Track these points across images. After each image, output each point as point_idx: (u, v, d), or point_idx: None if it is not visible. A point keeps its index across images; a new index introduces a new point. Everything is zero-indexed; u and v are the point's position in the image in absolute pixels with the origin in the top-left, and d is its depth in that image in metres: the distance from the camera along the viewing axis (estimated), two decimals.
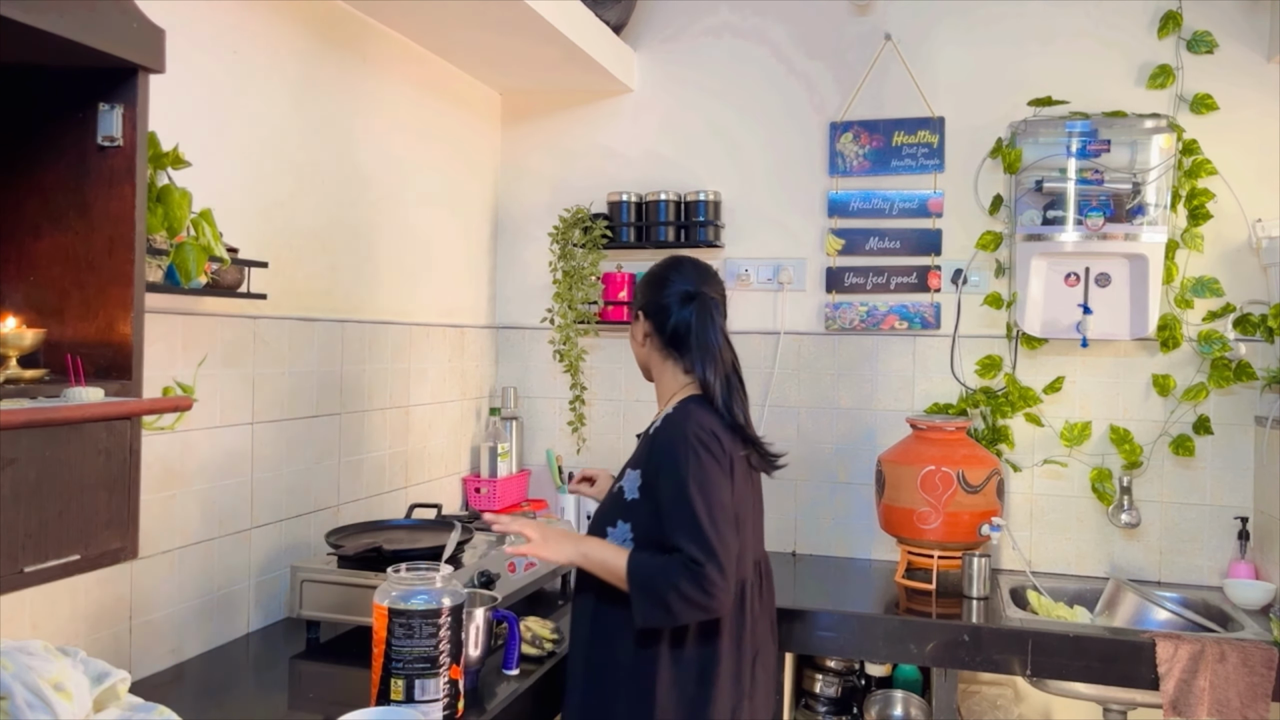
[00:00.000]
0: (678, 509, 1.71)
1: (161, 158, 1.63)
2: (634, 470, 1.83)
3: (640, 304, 1.93)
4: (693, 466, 1.72)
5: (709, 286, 1.89)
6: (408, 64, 2.71)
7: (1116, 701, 2.50)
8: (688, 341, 1.86)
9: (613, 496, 1.88)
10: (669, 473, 1.74)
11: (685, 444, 1.74)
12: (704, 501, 1.70)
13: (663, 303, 1.88)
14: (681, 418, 1.79)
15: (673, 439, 1.76)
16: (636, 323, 1.94)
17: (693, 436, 1.74)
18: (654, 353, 1.92)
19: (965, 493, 2.58)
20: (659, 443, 1.79)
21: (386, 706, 1.56)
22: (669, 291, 1.88)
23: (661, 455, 1.76)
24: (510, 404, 3.18)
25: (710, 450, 1.74)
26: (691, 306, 1.86)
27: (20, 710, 1.15)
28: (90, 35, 1.18)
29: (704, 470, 1.72)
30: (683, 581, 1.65)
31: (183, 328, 1.90)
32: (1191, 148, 2.71)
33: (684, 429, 1.76)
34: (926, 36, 2.95)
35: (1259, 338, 2.68)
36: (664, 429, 1.80)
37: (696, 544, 1.67)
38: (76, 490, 1.21)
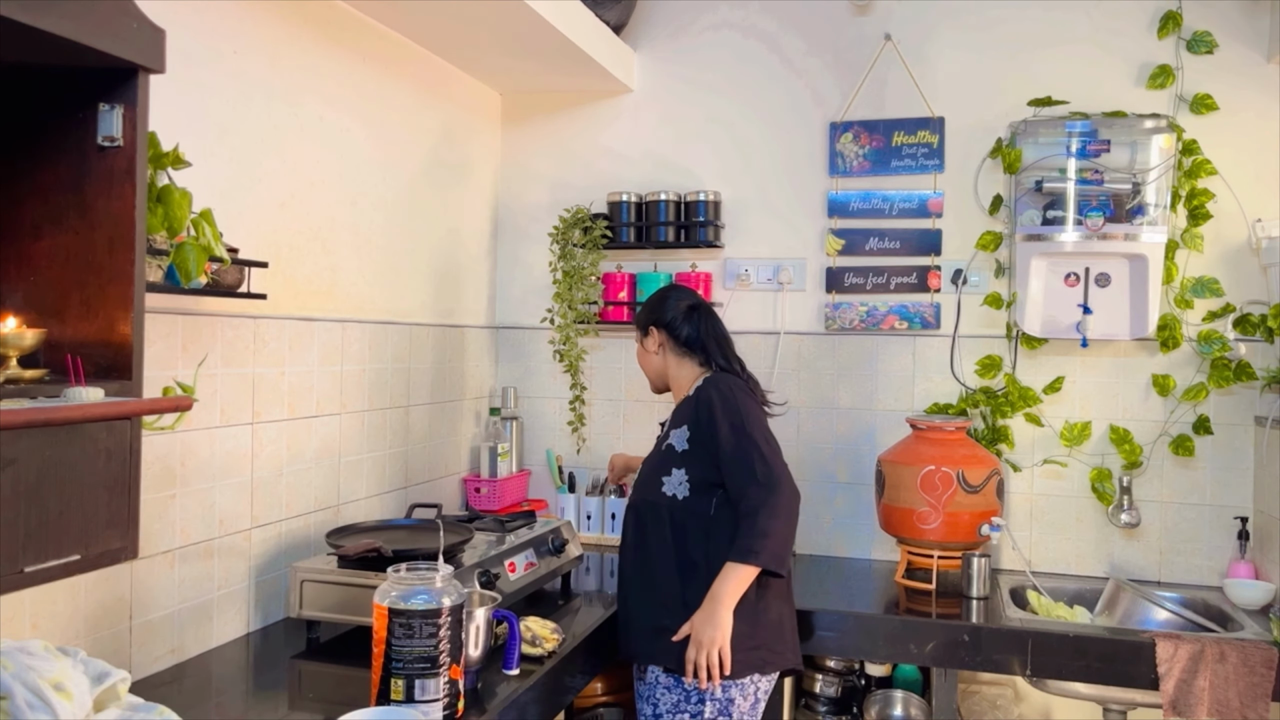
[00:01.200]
0: (739, 444, 2.07)
1: (161, 158, 1.63)
2: (678, 429, 2.18)
3: (650, 320, 2.31)
4: (745, 410, 2.11)
5: (701, 302, 2.34)
6: (408, 64, 2.71)
7: (1116, 701, 2.50)
8: (701, 340, 2.26)
9: (662, 452, 2.21)
10: (729, 419, 2.09)
11: (730, 397, 2.12)
12: (762, 437, 2.09)
13: (671, 316, 2.29)
14: (716, 381, 2.17)
15: (716, 397, 2.13)
16: (648, 337, 2.32)
17: (728, 390, 2.14)
18: (669, 358, 2.29)
19: (965, 493, 2.58)
20: (703, 402, 2.14)
21: (386, 706, 1.56)
22: (672, 306, 2.30)
23: (709, 409, 2.12)
24: (510, 404, 3.18)
25: (750, 394, 2.18)
26: (697, 313, 2.29)
27: (20, 710, 1.15)
28: (90, 35, 1.18)
29: (754, 411, 2.13)
30: (781, 503, 2.03)
31: (183, 328, 1.90)
32: (1191, 148, 2.71)
33: (722, 388, 2.14)
34: (926, 36, 2.95)
35: (1259, 338, 2.68)
36: (704, 392, 2.16)
37: (773, 470, 2.05)
38: (76, 490, 1.21)
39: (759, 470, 2.04)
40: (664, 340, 2.29)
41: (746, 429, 2.08)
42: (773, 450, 2.10)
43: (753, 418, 2.12)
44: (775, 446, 2.12)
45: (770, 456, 2.08)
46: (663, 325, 2.29)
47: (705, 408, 2.14)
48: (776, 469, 2.06)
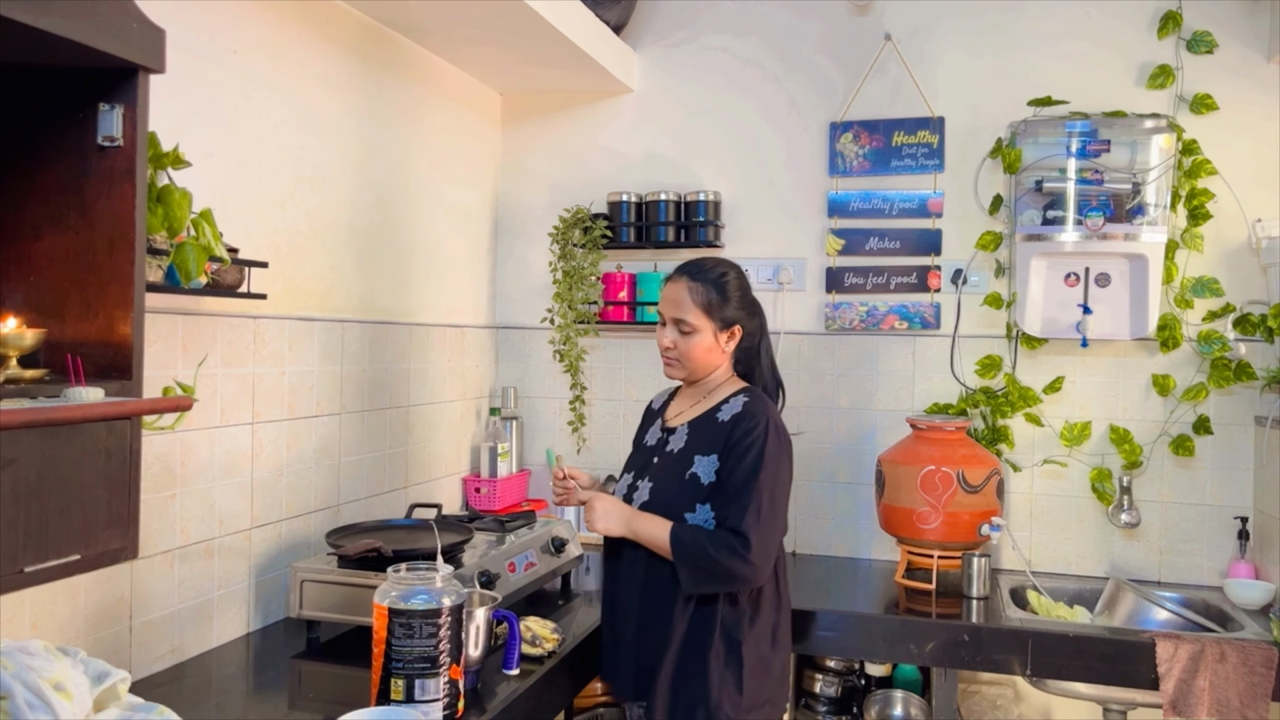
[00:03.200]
0: (744, 493, 1.89)
1: (161, 158, 1.63)
2: (707, 456, 1.97)
3: (734, 318, 2.05)
4: (772, 456, 1.92)
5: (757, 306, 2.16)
6: (407, 64, 2.71)
7: (1116, 701, 2.50)
8: (760, 353, 2.11)
9: (684, 482, 1.98)
10: (752, 455, 1.91)
11: (764, 436, 1.93)
12: (771, 490, 1.91)
13: (744, 314, 2.07)
14: (761, 408, 1.97)
15: (757, 429, 1.94)
16: (725, 332, 2.05)
17: (773, 431, 1.95)
18: (726, 354, 2.07)
19: (965, 493, 2.58)
20: (741, 430, 1.94)
21: (386, 706, 1.56)
22: (745, 302, 2.08)
23: (745, 440, 1.93)
24: (510, 404, 3.18)
25: (785, 442, 1.98)
26: (758, 317, 2.12)
27: (20, 710, 1.15)
28: (90, 35, 1.18)
29: (780, 462, 1.95)
30: (724, 554, 1.86)
31: (183, 328, 1.90)
32: (1191, 148, 2.71)
33: (765, 423, 1.95)
34: (926, 36, 2.95)
35: (1259, 338, 2.68)
36: (745, 418, 1.96)
37: (751, 524, 1.87)
38: (76, 490, 1.21)
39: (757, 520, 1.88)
40: (738, 340, 2.07)
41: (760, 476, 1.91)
42: (778, 520, 1.94)
43: (785, 476, 1.98)
44: (784, 509, 1.97)
45: (773, 528, 1.92)
46: (745, 327, 2.08)
47: (755, 447, 1.92)
48: (762, 545, 1.88)
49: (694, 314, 2.02)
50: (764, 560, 1.89)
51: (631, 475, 2.11)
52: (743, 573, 1.88)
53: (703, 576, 1.89)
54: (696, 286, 2.03)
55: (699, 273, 2.05)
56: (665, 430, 2.12)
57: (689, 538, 1.90)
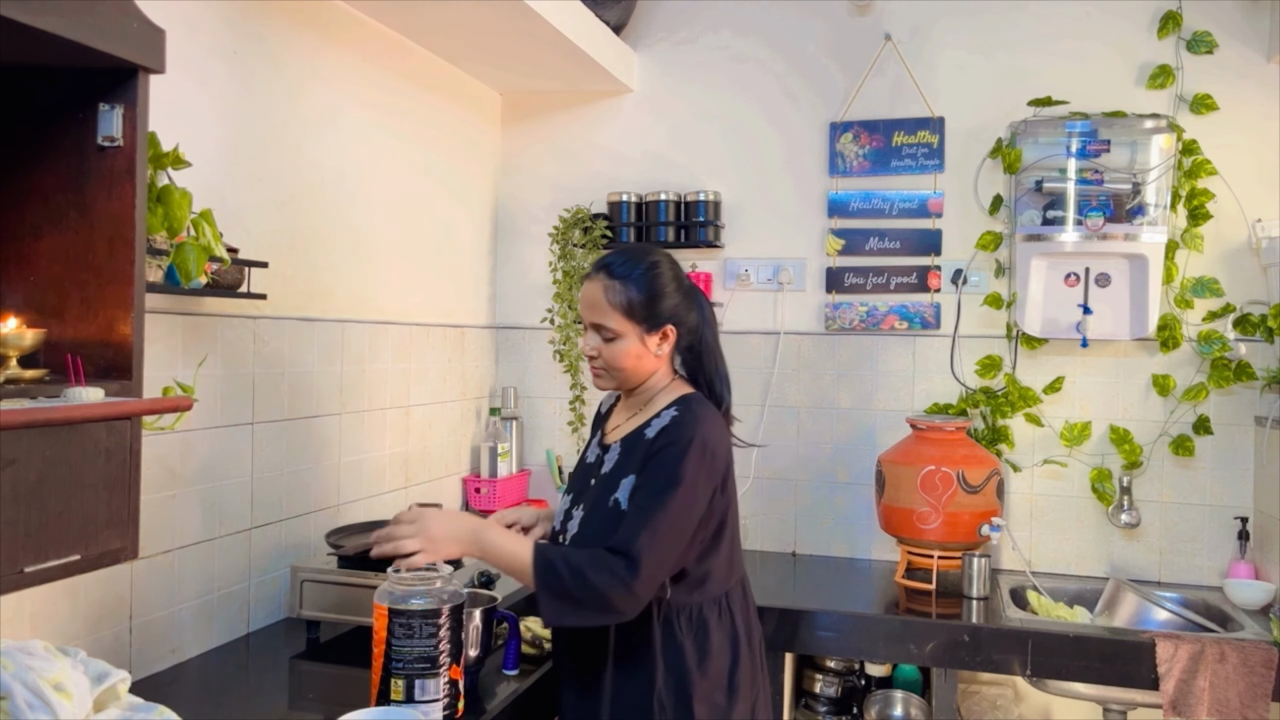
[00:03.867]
0: (643, 509, 1.61)
1: (161, 158, 1.63)
2: (627, 479, 1.69)
3: (664, 317, 1.75)
4: (689, 479, 1.63)
5: (699, 290, 1.84)
6: (408, 64, 2.71)
7: (1116, 701, 2.50)
8: (702, 353, 1.80)
9: (608, 511, 1.69)
10: (664, 475, 1.63)
11: (683, 452, 1.64)
12: (676, 516, 1.61)
13: (680, 309, 1.76)
14: (691, 422, 1.67)
15: (676, 446, 1.65)
16: (653, 334, 1.74)
17: (696, 448, 1.65)
18: (660, 359, 1.77)
19: (965, 493, 2.58)
20: (658, 445, 1.67)
21: (386, 706, 1.56)
22: (680, 295, 1.77)
23: (660, 456, 1.65)
24: (510, 404, 3.18)
25: (716, 463, 1.67)
26: (697, 309, 1.79)
27: (20, 710, 1.15)
28: (90, 35, 1.18)
29: (689, 486, 1.63)
30: (603, 578, 1.56)
31: (183, 328, 1.90)
32: (1191, 148, 2.71)
33: (690, 436, 1.65)
34: (926, 36, 2.95)
35: (1259, 338, 2.68)
36: (672, 432, 1.67)
37: (641, 546, 1.57)
38: (76, 490, 1.21)
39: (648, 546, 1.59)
40: (672, 341, 1.77)
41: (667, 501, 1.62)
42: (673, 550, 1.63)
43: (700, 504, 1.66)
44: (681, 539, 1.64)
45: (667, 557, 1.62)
46: (682, 324, 1.77)
47: (668, 466, 1.64)
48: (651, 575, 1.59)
49: (614, 318, 1.72)
50: (646, 591, 1.59)
51: (569, 499, 1.84)
52: (619, 604, 1.58)
53: (569, 607, 1.58)
54: (615, 285, 1.71)
55: (619, 268, 1.73)
56: (602, 447, 1.84)
57: (561, 558, 1.60)
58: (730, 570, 1.78)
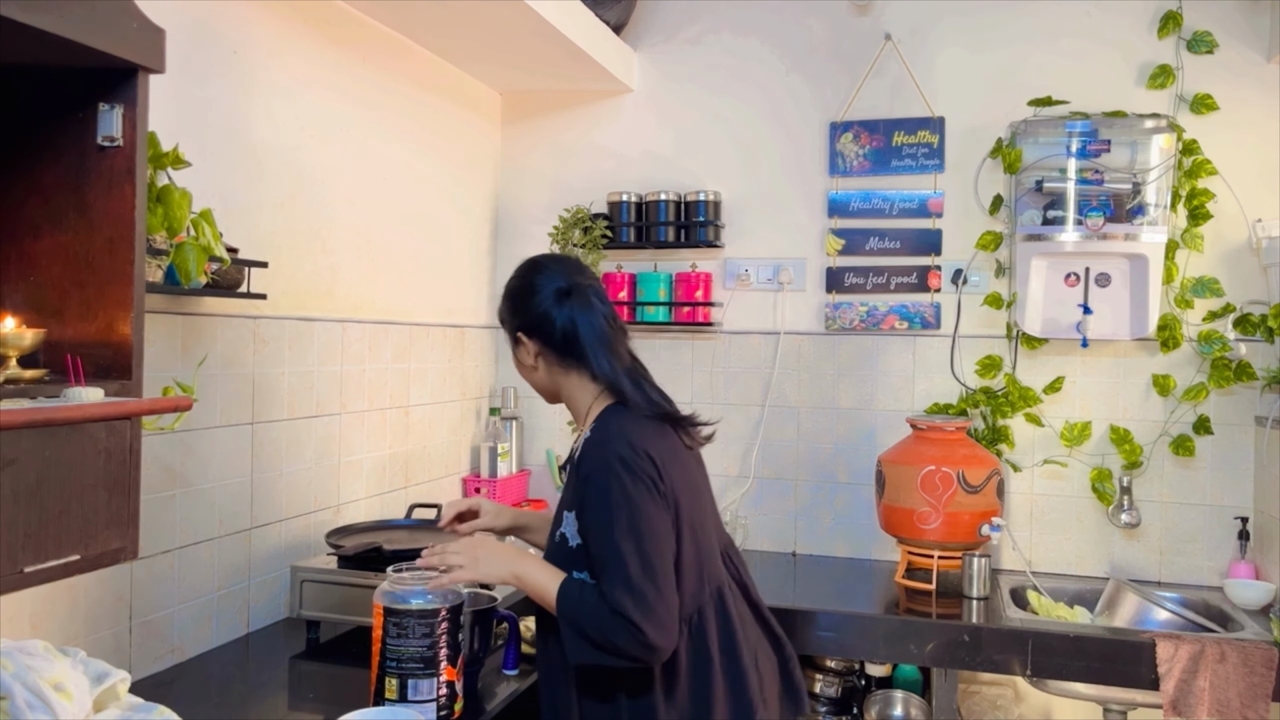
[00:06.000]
0: (607, 558, 1.51)
1: (161, 158, 1.63)
2: (570, 512, 1.61)
3: (517, 325, 1.69)
4: (617, 504, 1.51)
5: (579, 276, 1.70)
6: (408, 64, 2.71)
7: (1116, 701, 2.50)
8: (580, 343, 1.64)
9: (555, 544, 1.64)
10: (594, 514, 1.54)
11: (607, 474, 1.53)
12: (635, 547, 1.49)
13: (539, 311, 1.66)
14: (601, 440, 1.58)
15: (594, 471, 1.55)
16: (520, 347, 1.69)
17: (616, 462, 1.53)
18: (553, 370, 1.68)
19: (965, 493, 2.58)
20: (582, 475, 1.57)
21: (386, 706, 1.56)
22: (541, 298, 1.66)
23: (587, 487, 1.56)
24: (510, 404, 3.18)
25: (637, 474, 1.53)
26: (569, 302, 1.65)
27: (20, 710, 1.15)
28: (90, 35, 1.18)
29: (632, 504, 1.51)
30: (620, 640, 1.48)
31: (183, 328, 1.90)
32: (1191, 148, 2.71)
33: (604, 455, 1.55)
34: (926, 36, 2.95)
35: (1259, 338, 2.68)
36: (585, 458, 1.58)
37: (632, 601, 1.47)
38: (76, 490, 1.21)
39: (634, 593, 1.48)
40: (539, 350, 1.68)
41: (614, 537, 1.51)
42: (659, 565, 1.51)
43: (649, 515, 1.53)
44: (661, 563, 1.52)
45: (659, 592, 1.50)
46: (532, 329, 1.67)
47: (597, 494, 1.54)
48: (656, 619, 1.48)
49: (514, 338, 1.71)
50: (664, 634, 1.49)
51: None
52: (643, 655, 1.49)
53: (592, 649, 1.51)
54: (504, 307, 1.72)
55: (507, 291, 1.72)
56: (563, 471, 1.74)
57: (584, 603, 1.52)
58: (698, 583, 1.62)
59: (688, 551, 1.60)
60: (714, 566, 1.68)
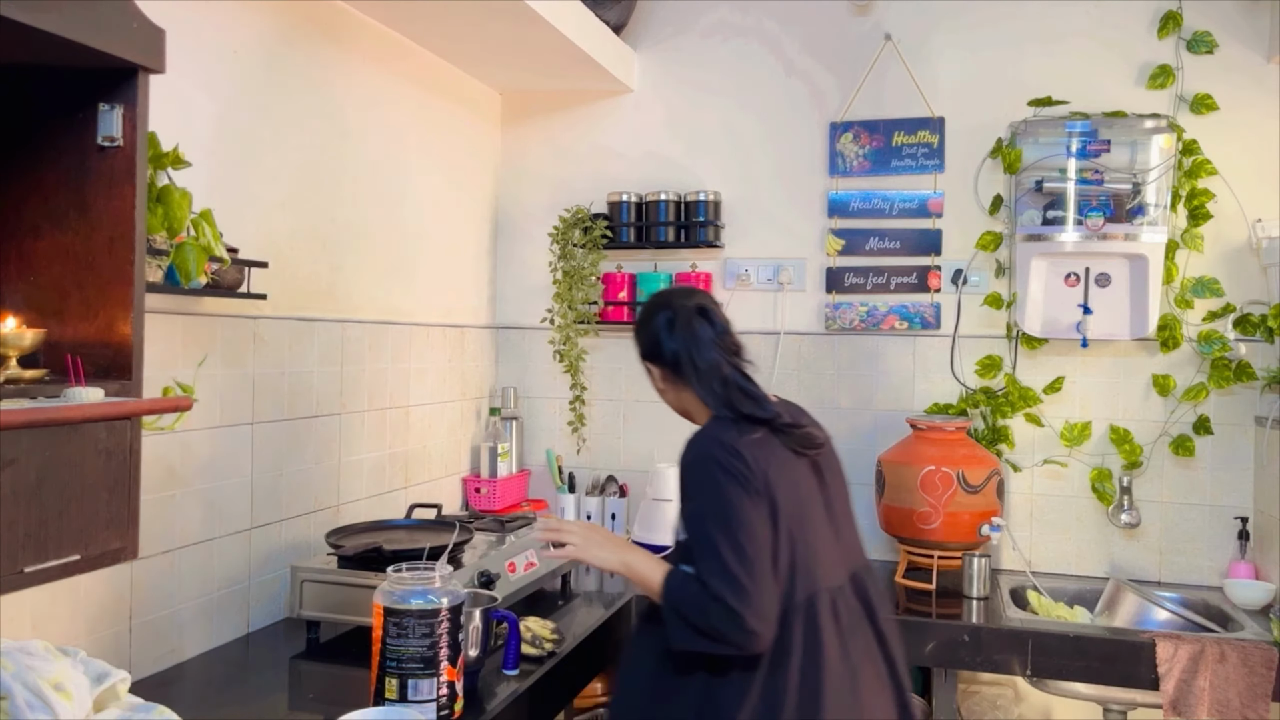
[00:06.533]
0: (703, 547, 1.58)
1: (161, 158, 1.63)
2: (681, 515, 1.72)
3: (642, 353, 1.84)
4: (708, 496, 1.60)
5: (685, 299, 1.82)
6: (408, 64, 2.71)
7: (1116, 701, 2.50)
8: (683, 365, 1.76)
9: (677, 546, 1.74)
10: (687, 506, 1.64)
11: (698, 468, 1.63)
12: (727, 537, 1.56)
13: (656, 339, 1.79)
14: (695, 439, 1.67)
15: (686, 466, 1.66)
16: (651, 375, 1.85)
17: (706, 458, 1.63)
18: (678, 389, 1.80)
19: (965, 493, 2.58)
20: (680, 475, 1.67)
21: (386, 706, 1.56)
22: (655, 326, 1.80)
23: (683, 486, 1.66)
24: (510, 404, 3.18)
25: (727, 469, 1.60)
26: (675, 328, 1.77)
27: (20, 710, 1.15)
28: (90, 35, 1.18)
29: (723, 497, 1.59)
30: (721, 625, 1.53)
31: (183, 328, 1.90)
32: (1191, 148, 2.71)
33: (697, 451, 1.65)
34: (926, 36, 2.95)
35: (1259, 338, 2.68)
36: (681, 461, 1.67)
37: (729, 589, 1.53)
38: (76, 490, 1.21)
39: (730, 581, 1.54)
40: (664, 375, 1.81)
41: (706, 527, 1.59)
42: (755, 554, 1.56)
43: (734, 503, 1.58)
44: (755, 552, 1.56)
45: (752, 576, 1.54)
46: (654, 356, 1.81)
47: (685, 488, 1.65)
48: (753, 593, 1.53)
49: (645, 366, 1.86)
50: (759, 623, 1.53)
51: None
52: (734, 638, 1.54)
53: (691, 634, 1.57)
54: (634, 340, 1.88)
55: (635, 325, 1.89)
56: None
57: (687, 589, 1.59)
58: (789, 584, 1.62)
59: (783, 550, 1.62)
60: (813, 573, 1.66)
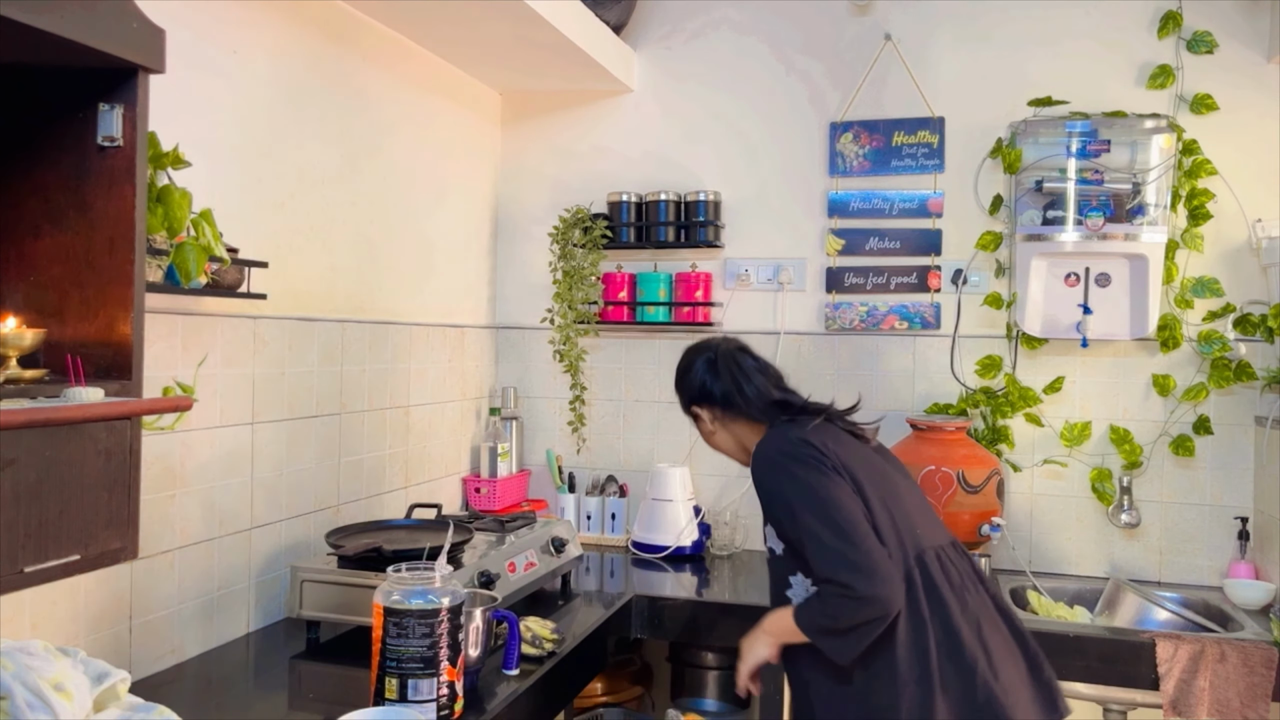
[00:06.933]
0: (803, 541, 1.68)
1: (161, 158, 1.63)
2: (767, 526, 1.83)
3: (688, 401, 1.98)
4: (791, 489, 1.71)
5: (721, 342, 1.99)
6: (408, 64, 2.71)
7: (1116, 701, 2.49)
8: (735, 397, 1.90)
9: (770, 560, 1.85)
10: (777, 512, 1.74)
11: (773, 470, 1.74)
12: (820, 520, 1.65)
13: (701, 382, 1.94)
14: (760, 451, 1.80)
15: (761, 476, 1.77)
16: (700, 421, 1.98)
17: (777, 457, 1.75)
18: (730, 426, 1.94)
19: (965, 493, 2.58)
20: (757, 485, 1.79)
21: (386, 706, 1.56)
22: (697, 371, 1.95)
23: (763, 493, 1.77)
24: (510, 404, 3.18)
25: (800, 458, 1.72)
26: (718, 367, 1.93)
27: (20, 710, 1.15)
28: (90, 35, 1.18)
29: (804, 484, 1.69)
30: (839, 606, 1.62)
31: (183, 328, 1.90)
32: (1191, 148, 2.71)
33: (765, 458, 1.77)
34: (926, 36, 2.95)
35: (1259, 338, 2.68)
36: (754, 471, 1.80)
37: (831, 565, 1.62)
38: (76, 490, 1.21)
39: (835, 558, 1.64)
40: (715, 415, 1.95)
41: (801, 519, 1.68)
42: (850, 527, 1.65)
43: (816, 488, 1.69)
44: (850, 523, 1.65)
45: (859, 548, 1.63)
46: (704, 399, 1.95)
47: (762, 491, 1.78)
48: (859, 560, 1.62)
49: (689, 415, 2.01)
50: (879, 585, 1.60)
51: None
52: (867, 613, 1.61)
53: (841, 639, 1.65)
54: (677, 394, 2.02)
55: (675, 379, 2.03)
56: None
57: (813, 608, 1.69)
58: (899, 548, 1.71)
59: (880, 516, 1.71)
60: (914, 532, 1.76)
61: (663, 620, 2.48)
